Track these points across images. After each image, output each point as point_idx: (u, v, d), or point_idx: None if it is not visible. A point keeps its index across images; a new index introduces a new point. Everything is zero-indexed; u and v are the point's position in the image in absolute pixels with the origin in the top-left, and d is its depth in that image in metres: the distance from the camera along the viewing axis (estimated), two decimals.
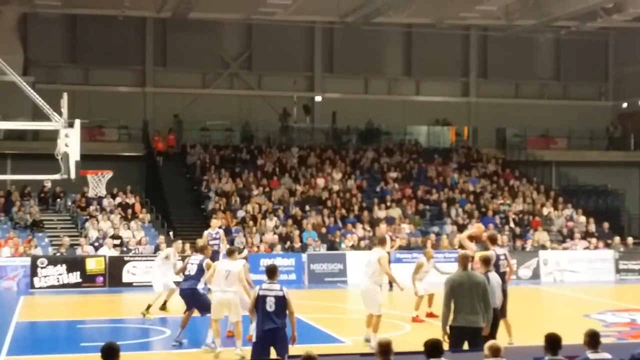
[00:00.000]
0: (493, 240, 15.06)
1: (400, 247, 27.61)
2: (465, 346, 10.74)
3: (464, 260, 11.14)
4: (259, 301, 10.90)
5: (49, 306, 21.90)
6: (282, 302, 10.89)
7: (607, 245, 29.46)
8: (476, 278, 11.09)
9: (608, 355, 8.58)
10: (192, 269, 15.04)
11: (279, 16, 33.66)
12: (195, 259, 15.19)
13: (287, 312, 11.00)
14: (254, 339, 11.11)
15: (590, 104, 41.48)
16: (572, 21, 35.42)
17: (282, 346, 10.88)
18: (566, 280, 27.57)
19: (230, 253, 14.38)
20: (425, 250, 21.32)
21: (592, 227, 31.37)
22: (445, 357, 8.47)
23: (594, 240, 29.67)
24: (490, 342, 8.73)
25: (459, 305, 10.76)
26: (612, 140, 40.53)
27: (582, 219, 32.17)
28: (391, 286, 24.14)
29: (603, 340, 8.83)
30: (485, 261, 12.26)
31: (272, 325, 10.79)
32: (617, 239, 29.85)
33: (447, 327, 10.82)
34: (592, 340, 8.66)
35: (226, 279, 13.84)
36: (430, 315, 18.35)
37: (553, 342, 8.52)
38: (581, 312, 19.54)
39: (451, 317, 10.88)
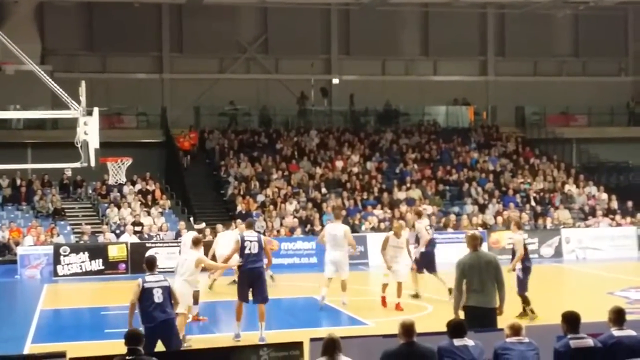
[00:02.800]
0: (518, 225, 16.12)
1: None
2: None
3: (473, 241, 11.04)
4: (145, 294, 10.69)
5: (73, 294, 22.04)
6: (168, 292, 10.79)
7: (631, 223, 29.26)
8: (487, 257, 11.06)
9: (633, 332, 8.50)
10: (253, 247, 13.81)
11: None
12: (251, 235, 14.04)
13: (172, 302, 10.88)
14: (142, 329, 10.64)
15: (610, 79, 41.06)
16: None
17: (172, 336, 10.80)
18: (589, 258, 27.40)
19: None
20: (394, 224, 18.96)
21: (614, 204, 31.15)
22: (468, 337, 8.45)
23: (616, 217, 29.47)
24: (511, 321, 8.69)
25: (471, 286, 10.69)
26: (633, 116, 40.14)
27: (604, 196, 31.95)
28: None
29: (627, 317, 8.75)
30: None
31: (163, 317, 10.62)
32: (639, 215, 29.63)
33: (459, 311, 10.72)
34: (618, 317, 8.58)
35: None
36: (398, 307, 16.87)
37: (571, 320, 8.46)
38: (604, 289, 19.41)
39: (463, 298, 10.82)
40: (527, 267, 15.71)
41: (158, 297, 10.68)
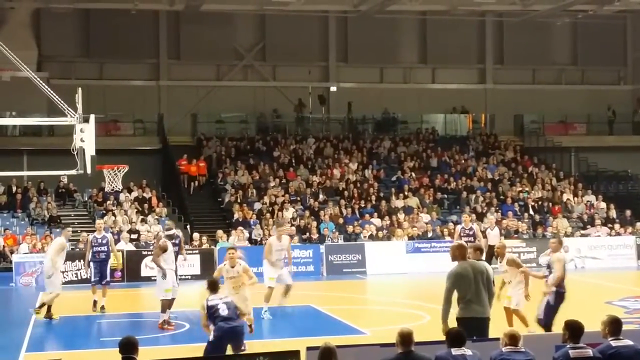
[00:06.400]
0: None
1: (419, 237, 27.55)
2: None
3: (461, 251, 10.76)
4: (211, 310, 11.59)
5: (68, 302, 21.85)
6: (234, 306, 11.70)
7: (630, 232, 29.16)
8: (480, 266, 10.75)
9: (630, 342, 8.39)
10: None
11: (292, 6, 33.48)
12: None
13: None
14: None
15: (608, 88, 41.01)
16: (589, 5, 35.01)
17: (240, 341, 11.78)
18: (587, 267, 27.29)
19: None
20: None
21: (613, 213, 31.06)
22: (466, 346, 8.33)
23: (615, 227, 29.38)
24: (508, 330, 8.57)
25: (467, 297, 10.43)
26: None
27: (603, 205, 31.86)
28: None
29: (625, 327, 8.63)
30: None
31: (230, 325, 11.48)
32: (638, 224, 29.53)
33: (447, 323, 10.41)
34: (615, 327, 8.46)
35: None
36: None
37: (574, 329, 8.33)
38: (603, 298, 19.30)
39: (454, 310, 10.55)
40: (562, 293, 13.53)
41: (223, 310, 11.47)
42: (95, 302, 18.47)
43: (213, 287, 11.94)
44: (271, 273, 17.42)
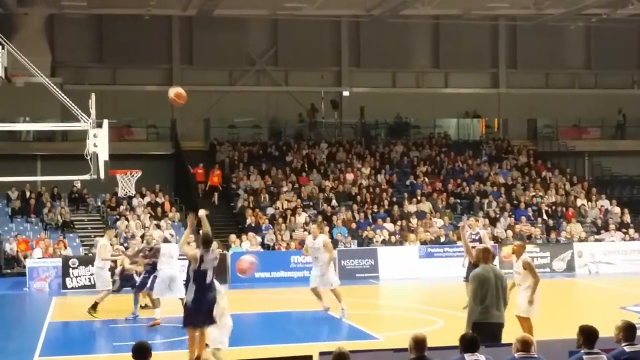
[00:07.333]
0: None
1: (432, 241, 27.50)
2: None
3: (487, 254, 10.87)
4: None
5: (81, 306, 21.88)
6: None
7: None
8: (500, 272, 10.89)
9: None
10: None
11: (304, 11, 33.53)
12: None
13: None
14: None
15: (622, 92, 40.81)
16: (603, 8, 34.87)
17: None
18: (601, 272, 27.16)
19: None
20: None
21: (627, 218, 30.90)
22: (480, 352, 8.28)
23: (629, 232, 29.24)
24: (520, 335, 8.50)
25: (486, 300, 10.46)
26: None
27: (617, 209, 31.70)
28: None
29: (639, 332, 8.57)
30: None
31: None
32: None
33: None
34: (629, 332, 8.38)
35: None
36: None
37: (589, 334, 8.25)
38: (617, 304, 19.19)
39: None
40: None
41: (208, 278, 11.53)
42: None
43: (207, 243, 11.53)
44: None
